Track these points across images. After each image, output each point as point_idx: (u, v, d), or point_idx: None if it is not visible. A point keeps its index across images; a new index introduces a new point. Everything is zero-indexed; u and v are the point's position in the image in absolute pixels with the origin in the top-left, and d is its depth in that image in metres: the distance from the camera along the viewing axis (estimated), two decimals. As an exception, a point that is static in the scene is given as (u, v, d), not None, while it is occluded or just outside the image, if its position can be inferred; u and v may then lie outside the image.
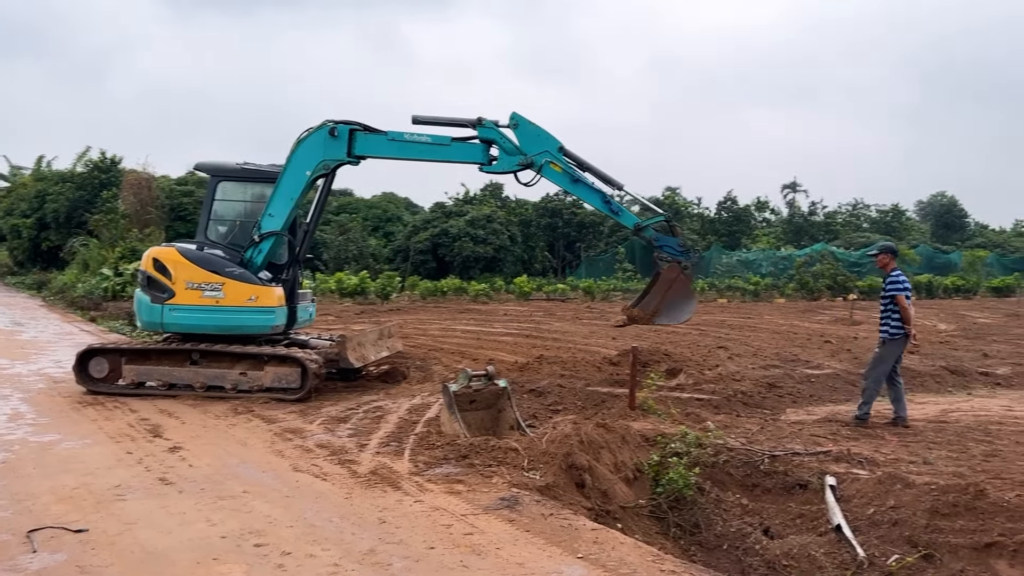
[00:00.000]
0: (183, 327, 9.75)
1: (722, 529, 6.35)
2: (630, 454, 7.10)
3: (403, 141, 9.60)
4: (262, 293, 9.66)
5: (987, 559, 4.99)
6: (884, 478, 6.01)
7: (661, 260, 9.77)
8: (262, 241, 9.82)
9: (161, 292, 9.67)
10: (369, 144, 9.69)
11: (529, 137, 9.50)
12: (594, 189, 9.64)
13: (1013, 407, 9.68)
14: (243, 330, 9.67)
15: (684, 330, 18.03)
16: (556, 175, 9.53)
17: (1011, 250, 50.75)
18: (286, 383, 9.35)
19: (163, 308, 9.65)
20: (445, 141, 9.61)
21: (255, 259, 9.85)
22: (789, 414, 9.36)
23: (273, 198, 9.75)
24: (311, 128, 9.72)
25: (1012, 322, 21.74)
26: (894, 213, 57.98)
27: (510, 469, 6.26)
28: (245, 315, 9.60)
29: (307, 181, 9.69)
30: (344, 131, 9.58)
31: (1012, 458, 6.90)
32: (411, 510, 5.36)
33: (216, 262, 9.76)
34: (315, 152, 9.61)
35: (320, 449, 6.99)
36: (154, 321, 9.81)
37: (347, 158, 9.67)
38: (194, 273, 9.63)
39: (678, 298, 9.75)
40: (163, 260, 9.77)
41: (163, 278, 9.68)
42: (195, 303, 9.57)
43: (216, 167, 10.40)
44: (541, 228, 42.74)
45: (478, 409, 7.57)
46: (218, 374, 9.53)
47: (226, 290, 9.56)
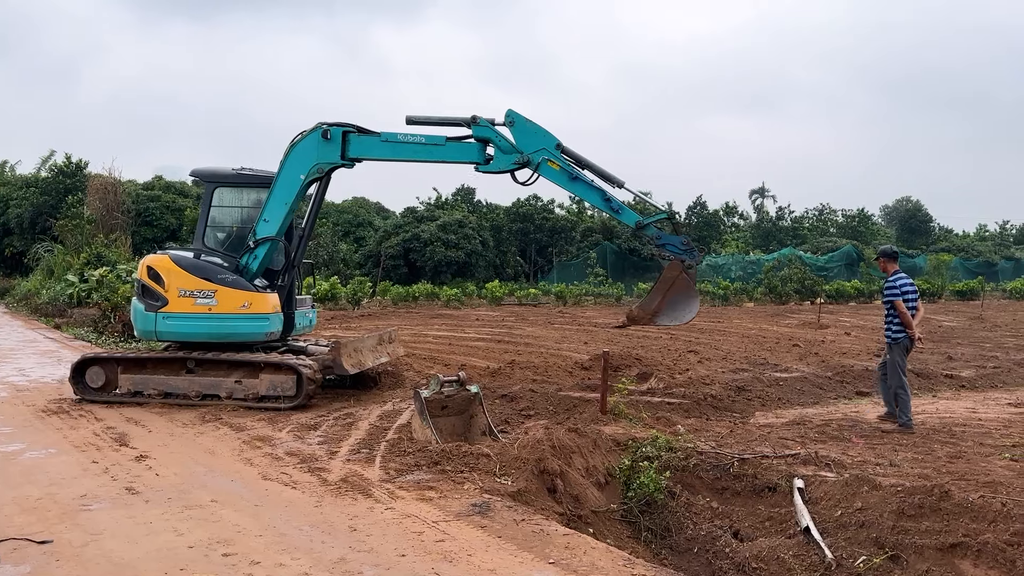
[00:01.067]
0: (177, 335, 9.61)
1: (692, 532, 6.40)
2: (601, 458, 7.13)
3: (397, 142, 9.46)
4: (256, 300, 9.51)
5: (952, 559, 5.08)
6: (851, 480, 6.10)
7: (663, 259, 9.61)
8: (257, 247, 9.66)
9: (155, 300, 9.52)
10: (363, 146, 9.55)
11: (526, 135, 9.31)
12: (593, 187, 9.45)
13: (977, 409, 9.86)
14: (237, 337, 9.54)
15: (655, 334, 18.15)
16: (554, 173, 9.33)
17: (974, 254, 51.76)
18: (282, 391, 9.20)
19: (157, 316, 9.49)
20: (440, 141, 9.45)
21: (251, 265, 9.70)
22: (758, 417, 9.46)
23: (267, 203, 9.61)
24: (304, 131, 9.58)
25: (976, 325, 22.16)
26: (860, 218, 58.85)
27: (482, 475, 6.25)
28: (239, 322, 9.45)
29: (301, 185, 9.54)
30: (337, 133, 9.41)
31: (976, 459, 7.02)
32: (382, 517, 5.33)
33: (209, 269, 9.61)
34: (308, 155, 9.48)
35: (289, 457, 6.92)
36: (148, 329, 9.64)
37: (341, 161, 9.51)
38: (187, 280, 9.48)
39: (680, 298, 9.47)
40: (156, 268, 9.62)
41: (156, 286, 9.54)
42: (188, 311, 9.43)
43: (212, 173, 10.21)
44: (513, 233, 42.79)
45: (450, 415, 7.55)
46: (213, 382, 9.39)
47: (219, 297, 9.41)
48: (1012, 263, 49.93)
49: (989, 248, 54.95)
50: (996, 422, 8.83)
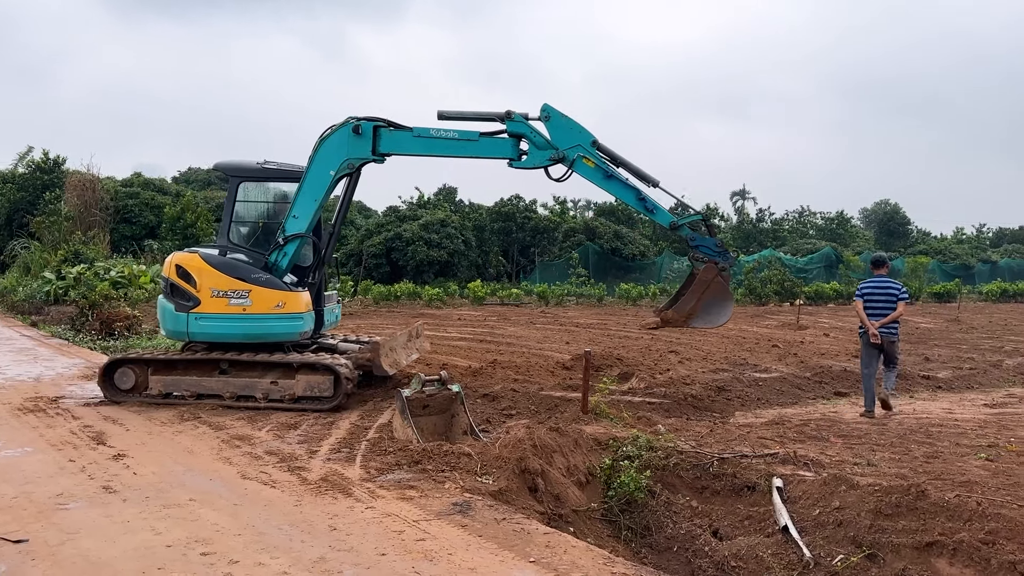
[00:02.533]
0: (210, 336, 9.41)
1: (672, 531, 6.43)
2: (583, 458, 7.15)
3: (429, 137, 9.31)
4: (289, 299, 9.34)
5: (928, 558, 5.13)
6: (829, 479, 6.15)
7: (697, 260, 9.53)
8: (287, 244, 9.51)
9: (186, 300, 9.32)
10: (394, 141, 9.40)
11: (561, 130, 9.22)
12: (628, 186, 9.33)
13: (953, 410, 9.98)
14: (271, 338, 9.38)
15: (636, 335, 18.22)
16: (589, 171, 9.22)
17: (951, 257, 52.33)
18: (318, 392, 9.01)
19: (188, 317, 9.29)
20: (473, 136, 9.34)
21: (280, 263, 9.55)
22: (738, 417, 9.52)
23: (297, 199, 9.47)
24: (334, 126, 9.40)
25: (952, 327, 22.42)
26: (839, 220, 59.42)
27: (463, 474, 6.24)
28: (273, 322, 9.28)
29: (331, 181, 9.40)
30: (368, 128, 9.27)
31: (952, 459, 7.10)
32: (362, 517, 5.31)
33: (241, 268, 9.39)
34: (339, 151, 9.33)
35: (269, 456, 6.88)
36: (179, 330, 9.44)
37: (372, 156, 9.37)
38: (219, 280, 9.27)
39: (715, 300, 9.44)
40: (187, 267, 9.41)
41: (187, 286, 9.33)
42: (222, 311, 9.21)
43: (236, 167, 9.97)
44: (495, 233, 42.78)
45: (431, 414, 7.55)
46: (248, 383, 9.19)
47: (253, 297, 9.21)
48: (988, 266, 50.53)
49: (966, 251, 55.58)
50: (972, 422, 8.94)
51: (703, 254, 9.42)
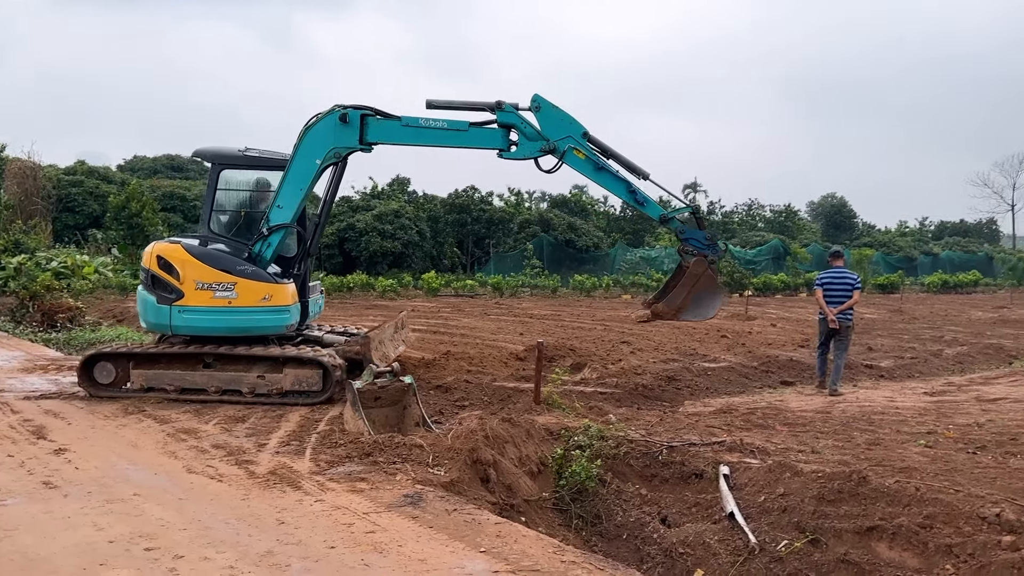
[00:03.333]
0: (194, 329, 9.13)
1: (622, 519, 6.50)
2: (535, 448, 7.18)
3: (419, 127, 9.12)
4: (276, 291, 9.12)
5: (869, 542, 5.28)
6: (774, 466, 6.28)
7: (686, 253, 9.56)
8: (271, 234, 9.27)
9: (168, 292, 9.02)
10: (382, 130, 9.19)
11: (552, 121, 9.12)
12: (619, 178, 9.29)
13: (895, 398, 10.27)
14: (258, 331, 9.15)
15: (589, 325, 18.36)
16: (579, 163, 9.14)
17: (895, 249, 53.75)
18: (307, 386, 8.79)
19: (171, 309, 9.00)
20: (463, 127, 9.18)
21: (264, 253, 9.31)
22: (687, 406, 9.67)
23: (281, 189, 9.24)
24: (319, 114, 9.11)
25: (895, 317, 23.03)
26: (787, 213, 60.51)
27: (415, 466, 6.22)
28: (259, 315, 9.05)
29: (317, 170, 9.17)
30: (356, 117, 9.04)
31: (892, 446, 7.32)
32: (311, 510, 5.26)
33: (226, 260, 9.12)
34: (325, 139, 9.10)
35: (216, 450, 6.76)
36: (162, 323, 9.14)
37: (359, 145, 9.15)
38: (203, 272, 8.97)
39: (705, 293, 9.49)
40: (169, 258, 9.09)
41: (169, 277, 9.02)
42: (206, 304, 8.94)
43: (218, 154, 9.65)
44: (450, 224, 42.60)
45: (383, 406, 7.50)
46: (234, 378, 8.93)
47: (239, 290, 8.96)
48: (930, 258, 52.07)
49: (909, 243, 57.13)
50: (912, 410, 9.21)
51: (692, 247, 9.46)
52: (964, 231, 65.86)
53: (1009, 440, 7.36)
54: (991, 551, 4.77)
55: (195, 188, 39.60)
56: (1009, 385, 11.19)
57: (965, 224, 68.02)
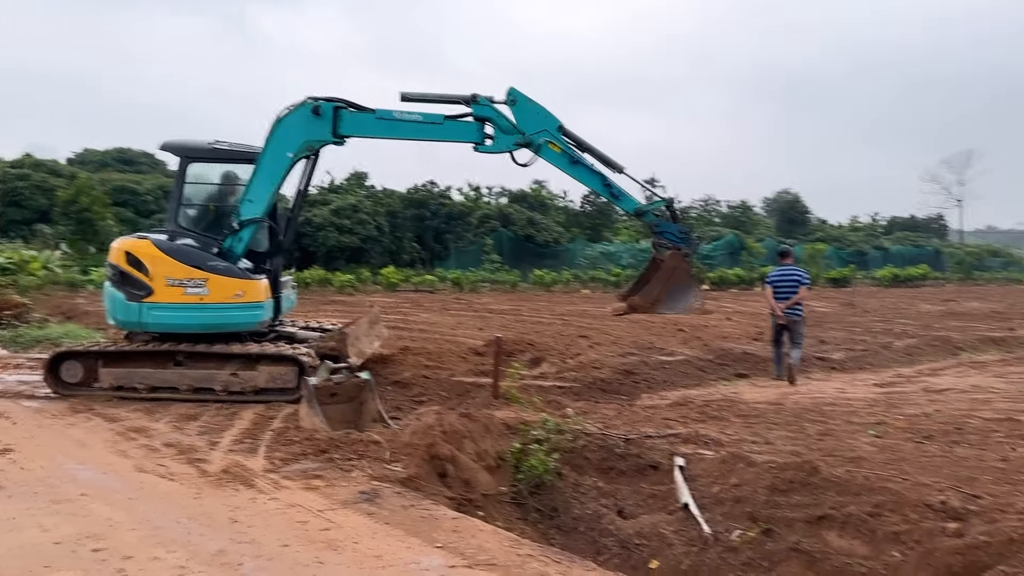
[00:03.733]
0: (165, 327, 8.88)
1: (579, 512, 6.54)
2: (492, 443, 7.17)
3: (393, 120, 9.00)
4: (249, 288, 8.93)
5: (819, 531, 5.38)
6: (728, 457, 6.37)
7: (661, 247, 9.53)
8: (242, 229, 9.07)
9: (138, 289, 8.75)
10: (356, 123, 9.06)
11: (527, 115, 9.06)
12: (594, 172, 9.27)
13: (846, 389, 10.47)
14: (230, 328, 8.96)
15: (548, 320, 18.42)
16: (555, 156, 9.12)
17: (847, 244, 54.80)
18: (282, 383, 8.64)
19: (141, 306, 8.74)
20: (438, 120, 9.06)
21: (235, 248, 9.10)
22: (644, 399, 9.74)
23: (252, 183, 9.04)
24: (291, 106, 8.95)
25: (847, 311, 23.49)
26: (743, 209, 61.32)
27: (371, 462, 6.18)
28: (232, 312, 8.85)
29: (289, 163, 9.02)
30: (328, 109, 8.89)
31: (843, 436, 7.45)
32: (265, 508, 5.20)
33: (197, 255, 8.92)
34: (297, 132, 8.94)
35: (167, 448, 6.64)
36: (131, 320, 8.89)
37: (332, 138, 9.02)
38: (174, 268, 8.76)
39: (680, 287, 9.47)
40: (137, 254, 8.82)
41: (139, 274, 8.76)
42: (177, 301, 8.72)
43: (185, 147, 9.41)
44: (409, 219, 42.33)
45: (340, 402, 7.43)
46: (207, 375, 8.72)
47: (210, 286, 8.75)
48: (881, 252, 53.17)
49: (861, 238, 58.31)
50: (863, 401, 9.41)
51: (667, 240, 9.45)
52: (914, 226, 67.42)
53: (955, 429, 7.55)
54: (937, 538, 4.89)
55: (146, 182, 38.83)
56: (956, 376, 11.49)
57: (915, 219, 69.64)
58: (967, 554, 4.67)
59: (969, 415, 8.31)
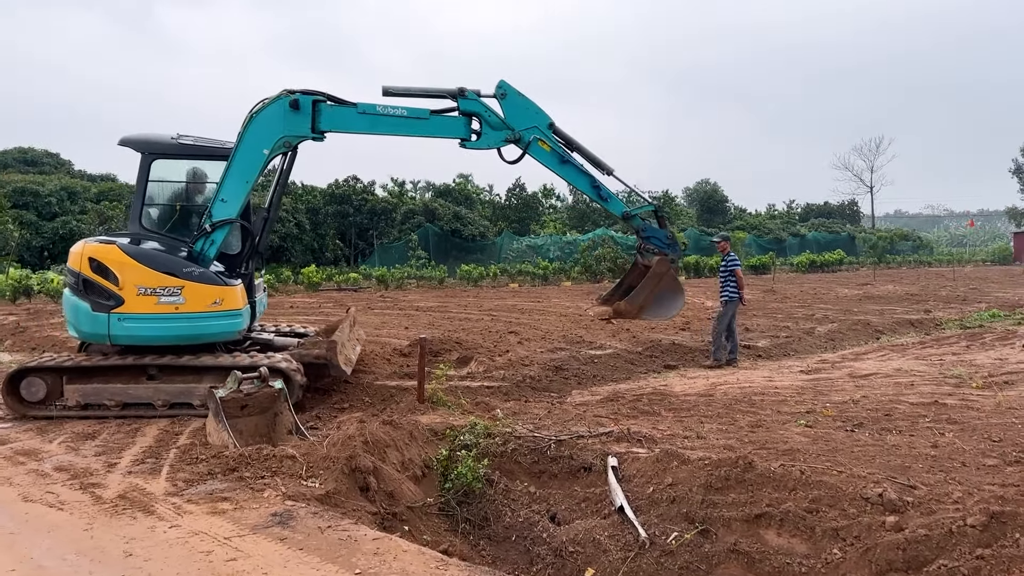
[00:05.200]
0: (137, 339, 8.19)
1: (511, 519, 6.24)
2: (418, 450, 6.82)
3: (376, 115, 8.68)
4: (226, 295, 8.40)
5: (757, 530, 5.20)
6: (661, 456, 6.15)
7: (647, 251, 9.60)
8: (215, 231, 8.49)
9: (105, 299, 8.05)
10: (336, 118, 8.66)
11: (517, 110, 8.94)
12: (583, 172, 9.24)
13: (773, 378, 10.46)
14: (208, 338, 8.44)
15: (476, 316, 18.08)
16: (544, 154, 9.01)
17: (765, 232, 56.21)
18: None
19: (109, 317, 8.04)
20: (423, 115, 8.82)
21: (207, 251, 8.50)
22: (575, 396, 9.52)
23: (225, 181, 8.46)
24: (266, 100, 8.50)
25: (768, 297, 23.87)
26: (665, 199, 62.20)
27: (286, 479, 5.74)
28: (209, 321, 8.32)
29: (264, 161, 8.52)
30: (307, 103, 8.46)
31: (774, 427, 7.36)
32: (165, 537, 4.71)
33: (171, 262, 8.31)
34: (273, 127, 8.46)
35: (58, 473, 6.04)
36: (98, 332, 8.14)
37: (311, 134, 8.59)
38: (145, 276, 8.13)
39: (667, 293, 9.52)
40: (103, 260, 8.09)
41: (105, 282, 8.05)
42: (150, 311, 8.11)
43: (148, 142, 8.66)
44: (331, 215, 41.36)
45: (251, 414, 6.93)
46: (183, 390, 8.04)
47: (186, 294, 8.19)
48: (798, 239, 54.75)
49: (778, 226, 59.89)
50: (791, 389, 9.38)
51: (653, 245, 9.53)
52: (828, 212, 69.68)
53: (884, 416, 7.55)
54: (876, 533, 4.76)
55: (49, 183, 36.81)
56: (878, 360, 11.64)
57: (829, 206, 71.99)
58: (907, 549, 4.55)
59: (896, 400, 8.35)
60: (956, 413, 7.65)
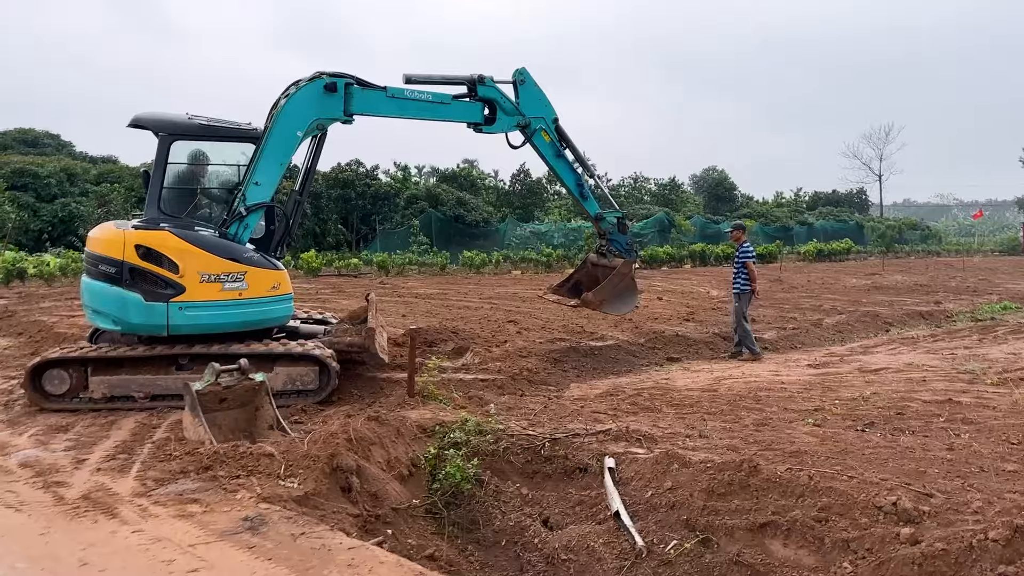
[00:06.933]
0: (199, 328, 7.97)
1: (501, 523, 5.91)
2: (405, 448, 6.49)
3: (404, 99, 8.93)
4: (281, 279, 8.46)
5: (762, 540, 4.87)
6: (661, 457, 5.81)
7: (609, 252, 10.48)
8: (250, 214, 8.31)
9: (161, 287, 7.79)
10: (367, 101, 8.78)
11: (530, 99, 9.49)
12: (572, 170, 9.88)
13: (780, 372, 10.10)
14: (267, 323, 8.45)
15: (476, 304, 17.73)
16: (544, 145, 9.59)
17: (772, 220, 55.59)
18: (302, 385, 7.96)
19: (169, 307, 7.78)
20: (446, 99, 9.21)
21: (241, 235, 8.34)
22: (573, 389, 9.18)
23: (259, 164, 8.35)
24: (300, 81, 8.48)
25: (775, 287, 23.43)
26: (671, 186, 61.61)
27: (262, 479, 5.41)
28: (268, 306, 8.31)
29: (298, 143, 8.52)
30: (342, 85, 8.52)
31: (780, 426, 7.01)
32: (125, 544, 4.38)
33: (232, 248, 8.17)
34: (308, 110, 8.47)
35: (23, 470, 5.71)
36: (155, 323, 7.84)
37: (343, 116, 8.65)
38: (208, 262, 7.93)
39: (627, 291, 10.49)
40: (159, 248, 7.81)
41: (162, 270, 7.81)
42: (215, 298, 7.94)
43: (167, 122, 8.30)
44: (333, 200, 40.92)
45: (231, 408, 6.61)
46: None
47: (249, 280, 8.10)
48: (806, 228, 54.12)
49: (785, 214, 59.23)
50: (798, 384, 9.02)
51: (615, 248, 10.47)
52: (836, 201, 68.93)
53: (896, 415, 7.19)
54: (890, 545, 4.42)
55: (49, 164, 36.48)
56: (888, 354, 11.27)
57: (837, 194, 71.21)
58: (924, 564, 4.21)
59: (908, 397, 7.99)
60: (971, 412, 7.29)
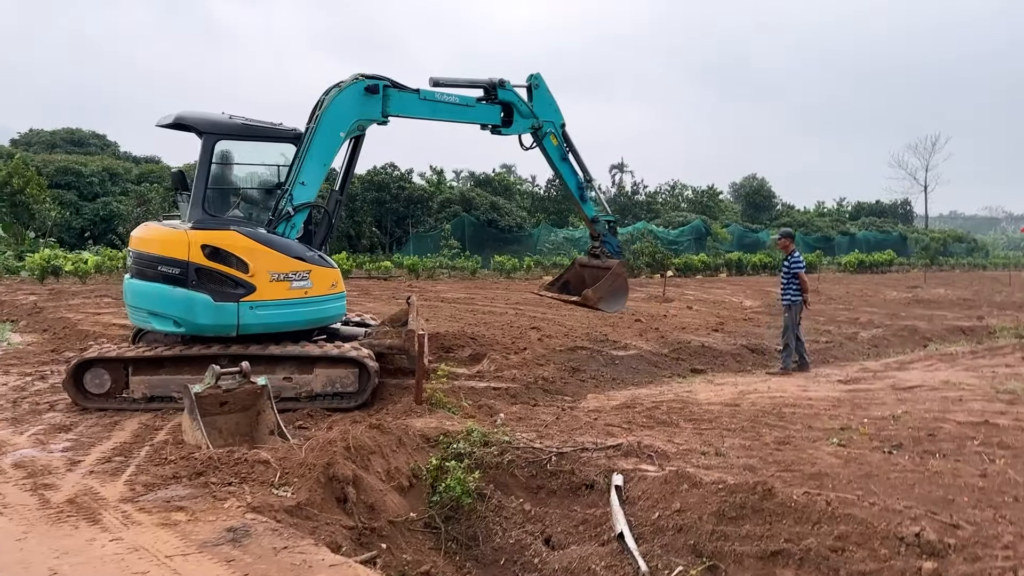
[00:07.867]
0: (268, 327, 8.08)
1: (501, 540, 5.67)
2: (407, 458, 6.28)
3: (435, 101, 9.22)
4: (338, 278, 8.73)
5: (774, 569, 4.55)
6: (670, 477, 5.51)
7: (602, 254, 10.84)
8: (296, 214, 8.45)
9: (231, 287, 7.86)
10: (402, 103, 9.04)
11: (543, 103, 9.92)
12: (574, 173, 10.28)
13: (808, 387, 9.70)
14: (326, 321, 8.68)
15: (501, 309, 17.54)
16: (552, 148, 10.02)
17: (813, 229, 54.53)
18: (341, 387, 7.95)
19: (239, 307, 7.83)
20: (471, 102, 9.54)
21: (288, 235, 8.46)
22: (589, 400, 8.90)
23: (304, 164, 8.46)
24: (341, 83, 8.70)
25: (812, 298, 22.76)
26: (709, 194, 60.81)
27: (255, 487, 5.24)
28: (329, 304, 8.51)
29: (340, 144, 8.73)
30: (381, 87, 8.76)
31: (803, 445, 6.66)
32: (101, 553, 4.22)
33: (295, 246, 8.33)
34: (350, 111, 8.67)
35: (15, 470, 5.61)
36: (226, 323, 7.88)
37: (380, 117, 8.89)
38: (276, 261, 8.05)
39: (620, 291, 10.80)
40: (229, 248, 7.88)
41: (232, 270, 7.88)
42: (283, 297, 8.06)
43: (212, 122, 8.33)
44: (368, 202, 41.10)
45: (231, 412, 6.46)
46: None
47: (313, 278, 8.28)
48: (847, 238, 53.02)
49: (827, 224, 58.09)
50: (825, 401, 8.63)
51: (607, 250, 10.86)
52: (880, 211, 67.47)
53: (927, 436, 6.79)
54: (910, 582, 4.08)
55: (92, 163, 37.16)
56: (924, 370, 10.79)
57: (881, 205, 69.70)
58: (946, 605, 3.88)
59: (941, 418, 7.56)
60: (1009, 436, 6.85)
